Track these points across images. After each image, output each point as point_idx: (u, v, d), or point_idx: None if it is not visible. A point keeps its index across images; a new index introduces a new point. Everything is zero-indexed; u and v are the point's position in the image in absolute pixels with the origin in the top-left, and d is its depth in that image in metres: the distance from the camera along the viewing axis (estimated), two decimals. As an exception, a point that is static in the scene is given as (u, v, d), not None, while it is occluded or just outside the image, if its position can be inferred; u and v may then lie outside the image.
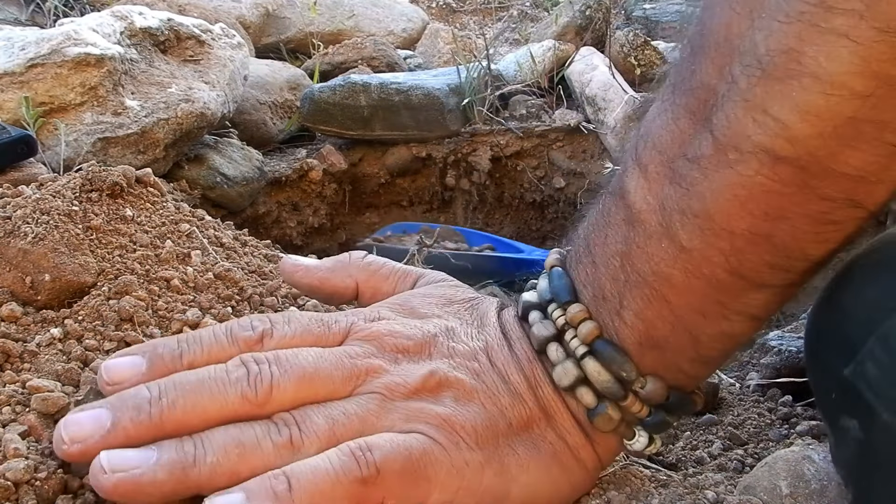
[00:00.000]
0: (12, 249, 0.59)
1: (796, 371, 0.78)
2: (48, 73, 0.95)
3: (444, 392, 0.40)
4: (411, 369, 0.40)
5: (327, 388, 0.39)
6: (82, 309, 0.59)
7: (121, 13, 1.10)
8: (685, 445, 0.71)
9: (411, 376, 0.40)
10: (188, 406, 0.37)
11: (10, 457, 0.45)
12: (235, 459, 0.35)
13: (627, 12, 2.87)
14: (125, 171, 0.68)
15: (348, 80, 1.43)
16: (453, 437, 0.38)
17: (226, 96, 1.17)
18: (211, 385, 0.38)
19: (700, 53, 0.40)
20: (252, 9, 1.94)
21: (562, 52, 1.59)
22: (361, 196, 1.53)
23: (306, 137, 1.56)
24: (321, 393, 0.39)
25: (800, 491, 0.47)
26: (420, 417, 0.38)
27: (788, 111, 0.33)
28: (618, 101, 1.48)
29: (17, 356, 0.54)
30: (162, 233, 0.67)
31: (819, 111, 0.32)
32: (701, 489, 0.54)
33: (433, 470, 0.37)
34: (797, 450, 0.51)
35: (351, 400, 0.39)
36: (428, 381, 0.40)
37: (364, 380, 0.40)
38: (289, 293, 0.70)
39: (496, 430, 0.40)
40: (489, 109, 1.51)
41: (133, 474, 0.35)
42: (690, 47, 0.41)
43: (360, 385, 0.40)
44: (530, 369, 0.42)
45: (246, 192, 1.23)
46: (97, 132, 0.98)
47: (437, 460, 0.37)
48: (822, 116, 0.32)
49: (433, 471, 0.37)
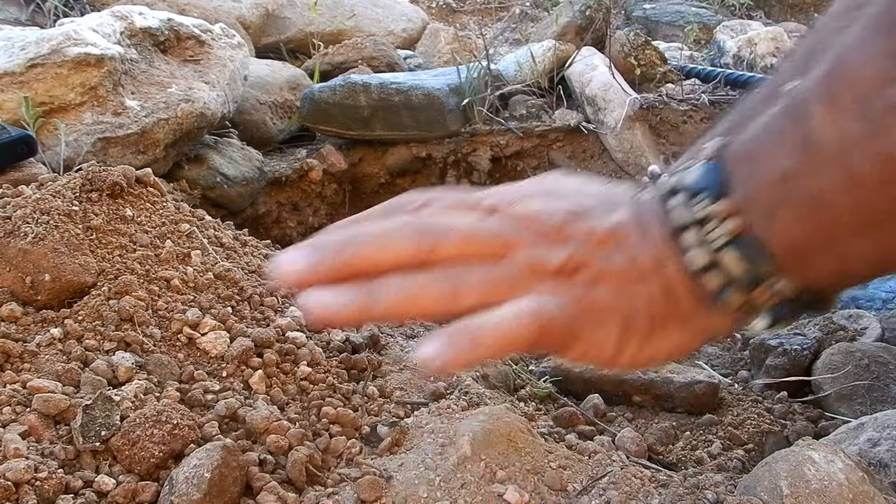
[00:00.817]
0: (12, 249, 0.59)
1: (803, 370, 0.78)
2: (48, 73, 0.95)
3: (579, 274, 0.45)
4: (550, 251, 0.45)
5: (482, 251, 0.45)
6: (82, 309, 0.59)
7: (121, 13, 1.10)
8: (685, 445, 0.71)
9: (551, 258, 0.45)
10: (368, 254, 0.44)
11: (11, 457, 0.45)
12: (408, 300, 0.42)
13: (627, 12, 2.87)
14: (125, 171, 0.68)
15: (348, 80, 1.43)
16: (590, 312, 0.44)
17: (226, 96, 1.17)
18: (387, 238, 0.45)
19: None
20: (252, 9, 1.94)
21: (562, 52, 1.59)
22: (361, 196, 1.53)
23: (306, 137, 1.56)
24: (477, 254, 0.45)
25: (800, 491, 0.47)
26: (559, 293, 0.44)
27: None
28: (618, 101, 1.48)
29: (17, 356, 0.54)
30: (162, 233, 0.67)
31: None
32: (701, 489, 0.54)
33: (578, 328, 0.44)
34: (797, 450, 0.51)
35: (501, 265, 0.44)
36: (566, 264, 0.44)
37: (510, 253, 0.45)
38: (289, 293, 0.70)
39: (624, 307, 0.45)
40: (489, 109, 1.51)
41: (330, 308, 0.42)
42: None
43: (508, 256, 0.45)
44: (660, 249, 0.46)
45: (246, 192, 1.23)
46: (97, 132, 0.98)
47: (580, 323, 0.44)
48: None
49: (578, 328, 0.44)
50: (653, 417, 0.74)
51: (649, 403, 0.76)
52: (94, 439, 0.48)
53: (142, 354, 0.57)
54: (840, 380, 0.73)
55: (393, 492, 0.50)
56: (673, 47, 2.08)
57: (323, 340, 0.66)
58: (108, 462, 0.49)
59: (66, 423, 0.50)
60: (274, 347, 0.61)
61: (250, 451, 0.52)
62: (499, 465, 0.53)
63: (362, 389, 0.63)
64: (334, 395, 0.60)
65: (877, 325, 0.84)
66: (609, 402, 0.76)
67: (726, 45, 1.87)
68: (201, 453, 0.48)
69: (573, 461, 0.58)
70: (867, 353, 0.76)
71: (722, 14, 2.95)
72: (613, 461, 0.60)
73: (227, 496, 0.47)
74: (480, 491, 0.50)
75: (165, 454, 0.49)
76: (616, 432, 0.68)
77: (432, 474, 0.51)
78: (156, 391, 0.55)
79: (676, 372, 0.77)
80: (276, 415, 0.55)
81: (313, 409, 0.58)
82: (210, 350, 0.60)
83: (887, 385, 0.71)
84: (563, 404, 0.74)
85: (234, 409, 0.55)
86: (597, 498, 0.52)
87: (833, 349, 0.78)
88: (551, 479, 0.54)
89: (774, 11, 3.48)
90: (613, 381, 0.77)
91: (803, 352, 0.79)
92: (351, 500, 0.49)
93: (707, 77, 1.65)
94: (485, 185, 1.54)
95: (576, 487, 0.53)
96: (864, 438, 0.58)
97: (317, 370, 0.62)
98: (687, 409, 0.75)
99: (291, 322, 0.65)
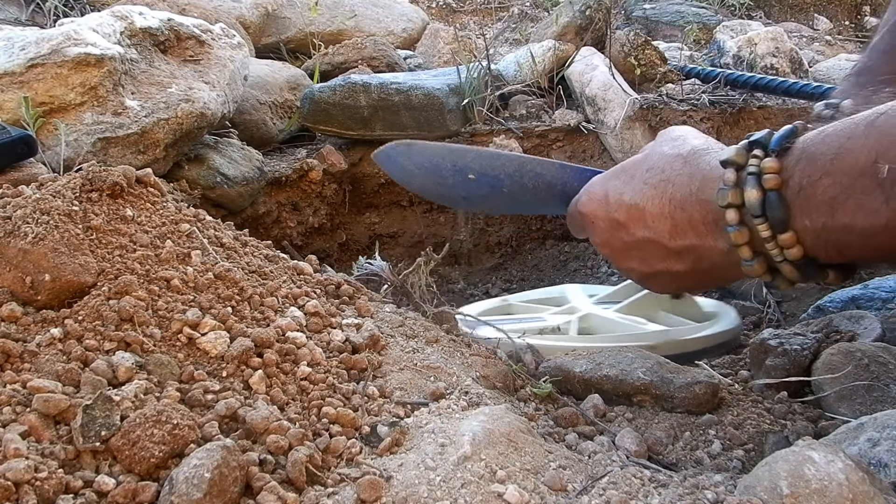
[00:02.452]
0: (12, 249, 0.59)
1: (803, 370, 0.78)
2: (48, 73, 0.95)
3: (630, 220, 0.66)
4: (618, 193, 0.66)
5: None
6: (82, 309, 0.59)
7: (121, 13, 1.10)
8: (685, 445, 0.71)
9: (614, 206, 0.67)
10: None
11: (11, 457, 0.45)
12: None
13: (627, 12, 2.87)
14: (125, 171, 0.68)
15: (348, 80, 1.43)
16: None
17: (226, 96, 1.17)
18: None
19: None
20: (252, 9, 1.94)
21: (562, 52, 1.59)
22: (361, 196, 1.53)
23: (306, 137, 1.55)
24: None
25: (800, 491, 0.47)
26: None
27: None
28: (618, 101, 1.48)
29: (17, 356, 0.54)
30: (162, 233, 0.67)
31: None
32: (701, 489, 0.54)
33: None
34: (797, 450, 0.51)
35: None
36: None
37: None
38: (289, 293, 0.70)
39: (671, 233, 0.63)
40: (489, 109, 1.51)
41: None
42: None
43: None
44: (699, 195, 0.60)
45: (246, 192, 1.23)
46: (97, 132, 0.98)
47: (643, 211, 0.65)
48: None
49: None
50: (653, 417, 0.74)
51: (649, 403, 0.76)
52: (94, 439, 0.48)
53: (142, 354, 0.57)
54: (840, 380, 0.73)
55: (393, 492, 0.50)
56: (673, 47, 2.08)
57: (323, 340, 0.66)
58: (108, 462, 0.49)
59: (66, 423, 0.50)
60: (274, 347, 0.61)
61: (250, 451, 0.52)
62: (499, 465, 0.53)
63: (362, 389, 0.63)
64: (334, 395, 0.60)
65: (877, 325, 0.84)
66: (609, 402, 0.76)
67: (726, 45, 1.87)
68: (201, 453, 0.48)
69: (573, 461, 0.58)
70: (867, 353, 0.76)
71: (722, 14, 2.95)
72: (613, 461, 0.60)
73: (227, 496, 0.47)
74: (480, 491, 0.50)
75: (165, 454, 0.49)
76: (616, 432, 0.68)
77: (432, 474, 0.51)
78: (156, 391, 0.55)
79: (676, 372, 0.77)
80: (276, 415, 0.55)
81: (313, 409, 0.58)
82: (210, 350, 0.60)
83: (887, 385, 0.72)
84: (563, 404, 0.74)
85: (234, 409, 0.55)
86: (597, 498, 0.52)
87: (833, 349, 0.78)
88: (551, 478, 0.54)
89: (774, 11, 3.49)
90: (613, 380, 0.77)
91: (803, 352, 0.79)
92: (351, 500, 0.50)
93: (707, 77, 1.65)
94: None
95: (576, 487, 0.53)
96: (864, 438, 0.58)
97: (317, 370, 0.62)
98: (687, 409, 0.75)
99: (291, 322, 0.65)
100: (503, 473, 0.52)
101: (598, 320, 1.03)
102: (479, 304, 1.19)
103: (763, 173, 0.55)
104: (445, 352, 0.73)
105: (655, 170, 0.64)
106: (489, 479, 0.52)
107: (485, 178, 0.74)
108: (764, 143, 0.57)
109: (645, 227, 0.64)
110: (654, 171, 0.64)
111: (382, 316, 0.76)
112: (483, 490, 0.50)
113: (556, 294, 1.19)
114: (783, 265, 0.57)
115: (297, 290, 0.71)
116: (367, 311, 0.75)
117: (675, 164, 0.62)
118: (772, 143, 0.56)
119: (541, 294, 1.23)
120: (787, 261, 0.56)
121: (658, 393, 0.75)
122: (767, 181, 0.55)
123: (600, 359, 0.79)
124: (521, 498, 0.50)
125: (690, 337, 0.96)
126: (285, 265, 0.76)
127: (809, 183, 0.53)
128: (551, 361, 0.82)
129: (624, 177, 0.67)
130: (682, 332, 0.98)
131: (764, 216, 0.55)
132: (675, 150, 0.63)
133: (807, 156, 0.54)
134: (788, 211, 0.54)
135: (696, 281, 0.66)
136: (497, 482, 0.51)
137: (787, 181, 0.55)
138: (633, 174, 0.66)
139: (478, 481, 0.51)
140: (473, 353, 0.76)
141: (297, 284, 0.73)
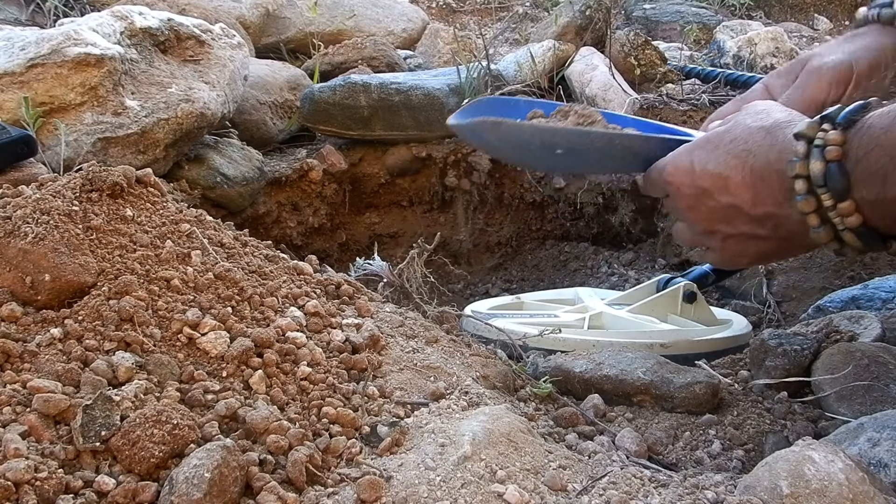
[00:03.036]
0: (12, 249, 0.59)
1: (803, 371, 0.78)
2: (48, 73, 0.95)
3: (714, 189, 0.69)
4: (703, 166, 0.70)
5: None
6: (82, 309, 0.59)
7: (121, 13, 1.10)
8: (685, 445, 0.71)
9: (699, 176, 0.70)
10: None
11: (11, 457, 0.45)
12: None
13: (627, 12, 2.87)
14: (125, 171, 0.68)
15: (348, 80, 1.43)
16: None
17: (226, 96, 1.17)
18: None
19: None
20: (252, 9, 1.94)
21: (562, 52, 1.59)
22: (361, 196, 1.53)
23: (306, 137, 1.55)
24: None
25: (800, 491, 0.47)
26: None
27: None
28: (618, 101, 1.48)
29: (17, 356, 0.54)
30: (162, 233, 0.67)
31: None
32: (701, 489, 0.54)
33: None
34: (797, 450, 0.51)
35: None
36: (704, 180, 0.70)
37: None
38: (289, 293, 0.70)
39: (751, 207, 0.67)
40: (489, 109, 1.51)
41: None
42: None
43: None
44: (774, 163, 0.63)
45: (246, 192, 1.23)
46: (97, 132, 0.98)
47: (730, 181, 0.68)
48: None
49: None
50: (653, 417, 0.74)
51: (649, 403, 0.76)
52: (94, 439, 0.48)
53: (142, 354, 0.57)
54: (840, 380, 0.73)
55: (393, 492, 0.50)
56: (673, 47, 2.08)
57: (323, 340, 0.66)
58: (108, 462, 0.49)
59: (66, 423, 0.50)
60: (274, 347, 0.61)
61: (250, 451, 0.52)
62: (499, 465, 0.53)
63: (362, 389, 0.63)
64: (334, 395, 0.60)
65: (877, 325, 0.84)
66: (609, 402, 0.76)
67: (726, 45, 1.87)
68: (201, 453, 0.48)
69: (573, 461, 0.58)
70: (867, 353, 0.76)
71: (722, 14, 2.95)
72: (613, 461, 0.60)
73: (227, 496, 0.47)
74: (480, 491, 0.50)
75: (165, 454, 0.49)
76: (616, 432, 0.68)
77: (432, 474, 0.51)
78: (156, 391, 0.55)
79: (676, 372, 0.77)
80: (276, 415, 0.55)
81: (313, 409, 0.58)
82: (210, 350, 0.60)
83: (887, 385, 0.72)
84: (563, 404, 0.74)
85: (234, 409, 0.55)
86: (597, 498, 0.52)
87: (833, 349, 0.78)
88: (551, 478, 0.54)
89: (774, 11, 3.49)
90: (613, 380, 0.77)
91: (803, 352, 0.79)
92: (351, 500, 0.50)
93: (707, 77, 1.65)
94: (485, 186, 1.55)
95: (576, 487, 0.53)
96: (864, 438, 0.58)
97: (317, 370, 0.62)
98: (687, 409, 0.75)
99: (291, 322, 0.65)
100: (503, 473, 0.52)
101: (611, 319, 1.04)
102: (491, 301, 1.21)
103: (826, 145, 0.58)
104: (445, 352, 0.73)
105: (738, 140, 0.67)
106: (489, 479, 0.52)
107: (573, 152, 0.77)
108: (833, 118, 0.60)
109: (728, 194, 0.67)
110: (737, 141, 0.67)
111: (382, 316, 0.76)
112: (483, 490, 0.50)
113: (569, 295, 1.22)
114: (845, 233, 0.60)
115: (297, 290, 0.71)
116: (367, 311, 0.75)
117: (756, 136, 0.66)
118: (839, 117, 0.59)
119: (553, 294, 1.26)
120: (849, 229, 0.60)
121: (658, 393, 0.75)
122: (829, 153, 0.58)
123: (600, 359, 0.79)
124: (521, 498, 0.50)
125: (702, 338, 0.96)
126: (285, 265, 0.76)
127: (865, 154, 0.57)
128: (551, 361, 0.82)
129: (709, 147, 0.70)
130: (695, 333, 0.98)
131: (826, 186, 0.59)
132: (758, 122, 0.67)
133: (866, 128, 0.58)
134: (848, 181, 0.58)
135: (776, 248, 0.70)
136: (497, 482, 0.51)
137: (848, 153, 0.58)
138: (717, 144, 0.69)
139: (478, 481, 0.51)
140: (473, 354, 0.76)
141: (297, 284, 0.73)
